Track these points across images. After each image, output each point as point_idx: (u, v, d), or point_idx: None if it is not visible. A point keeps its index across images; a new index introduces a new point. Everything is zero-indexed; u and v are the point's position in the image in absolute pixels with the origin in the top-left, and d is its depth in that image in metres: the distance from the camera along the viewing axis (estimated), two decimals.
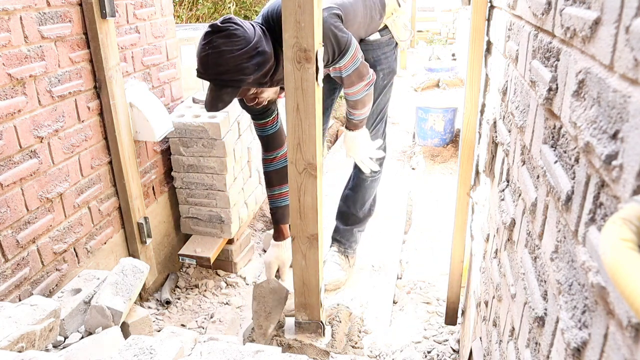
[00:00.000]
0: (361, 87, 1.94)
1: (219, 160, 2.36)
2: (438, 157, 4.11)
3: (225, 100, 1.59)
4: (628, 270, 0.37)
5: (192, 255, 2.46)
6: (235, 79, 1.54)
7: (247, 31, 1.53)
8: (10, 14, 1.54)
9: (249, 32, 1.53)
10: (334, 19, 1.79)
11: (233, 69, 1.52)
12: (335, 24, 1.79)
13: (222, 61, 1.50)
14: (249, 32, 1.53)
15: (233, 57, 1.50)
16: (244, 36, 1.51)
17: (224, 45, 1.48)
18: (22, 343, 1.21)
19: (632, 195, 0.44)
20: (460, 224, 1.90)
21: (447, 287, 2.06)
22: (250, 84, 1.59)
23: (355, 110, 2.03)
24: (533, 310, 0.76)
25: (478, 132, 1.73)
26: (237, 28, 1.50)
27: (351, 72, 1.88)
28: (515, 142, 1.03)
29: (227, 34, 1.49)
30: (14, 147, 1.59)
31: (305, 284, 1.81)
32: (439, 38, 9.42)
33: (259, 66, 1.55)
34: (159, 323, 2.26)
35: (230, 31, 1.49)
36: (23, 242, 1.65)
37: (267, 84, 1.67)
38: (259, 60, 1.55)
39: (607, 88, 0.51)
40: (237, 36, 1.50)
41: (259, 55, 1.54)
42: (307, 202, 1.67)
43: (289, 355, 1.21)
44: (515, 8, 1.07)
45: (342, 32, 1.81)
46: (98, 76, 1.93)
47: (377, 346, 2.08)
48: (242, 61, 1.51)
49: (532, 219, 0.83)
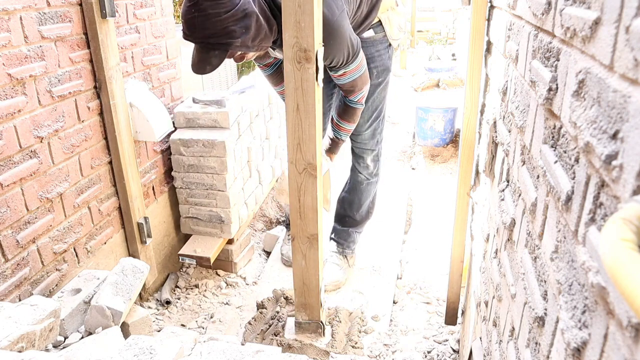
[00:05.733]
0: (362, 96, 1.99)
1: (219, 160, 2.36)
2: (438, 157, 4.11)
3: (213, 64, 1.56)
4: (628, 270, 0.37)
5: (192, 255, 2.46)
6: (222, 42, 1.51)
7: None
8: (10, 14, 1.54)
9: None
10: (347, 21, 1.77)
11: (220, 32, 1.49)
12: (349, 27, 1.77)
13: (208, 24, 1.47)
14: None
15: (220, 20, 1.46)
16: None
17: (210, 8, 1.45)
18: (22, 343, 1.21)
19: (632, 195, 0.44)
20: (460, 224, 1.90)
21: (447, 287, 2.06)
22: (238, 47, 1.56)
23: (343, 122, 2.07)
24: (533, 310, 0.76)
25: (478, 132, 1.73)
26: None
27: (357, 77, 1.90)
28: (515, 142, 1.03)
29: None
30: (14, 147, 1.59)
31: (305, 284, 1.81)
32: (439, 38, 9.42)
33: (246, 29, 1.52)
34: (159, 323, 2.26)
35: None
36: (23, 242, 1.65)
37: (254, 48, 1.64)
38: (246, 23, 1.52)
39: (607, 88, 0.51)
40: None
41: (246, 17, 1.51)
42: (307, 202, 1.67)
43: (289, 355, 1.21)
44: (515, 8, 1.07)
45: (354, 34, 1.81)
46: (98, 76, 1.93)
47: (377, 346, 2.08)
48: (228, 24, 1.48)
49: (532, 219, 0.83)
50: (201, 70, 1.58)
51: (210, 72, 1.59)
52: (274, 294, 2.33)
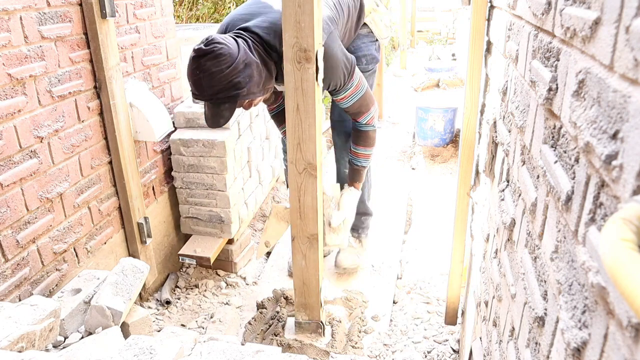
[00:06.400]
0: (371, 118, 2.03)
1: (219, 160, 2.36)
2: (438, 157, 4.11)
3: (225, 116, 1.65)
4: (628, 270, 0.37)
5: (192, 255, 2.46)
6: (231, 95, 1.60)
7: (232, 47, 1.57)
8: (10, 14, 1.54)
9: (233, 47, 1.57)
10: (337, 41, 1.82)
11: (226, 86, 1.57)
12: (341, 47, 1.83)
13: (214, 82, 1.56)
14: (232, 48, 1.57)
15: (224, 76, 1.55)
16: (230, 53, 1.55)
17: (213, 67, 1.54)
18: (22, 343, 1.21)
19: (632, 195, 0.44)
20: (460, 224, 1.90)
21: (447, 287, 2.06)
22: (245, 96, 1.64)
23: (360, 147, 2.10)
24: (533, 310, 0.76)
25: (478, 132, 1.73)
26: (221, 47, 1.54)
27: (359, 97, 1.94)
28: (515, 142, 1.03)
29: (213, 55, 1.54)
30: (14, 147, 1.59)
31: (305, 284, 1.81)
32: (439, 38, 9.42)
33: (250, 78, 1.61)
34: (159, 323, 2.26)
35: (216, 52, 1.53)
36: (23, 242, 1.65)
37: (261, 92, 1.72)
38: (248, 72, 1.60)
39: (607, 88, 0.51)
40: (223, 55, 1.54)
41: (247, 67, 1.60)
42: (307, 202, 1.67)
43: (289, 355, 1.21)
44: (515, 8, 1.07)
45: (347, 53, 1.86)
46: (98, 76, 1.93)
47: (377, 346, 2.08)
48: (232, 77, 1.57)
49: (532, 219, 0.83)
50: (216, 124, 1.67)
51: (225, 124, 1.69)
52: (274, 294, 2.33)
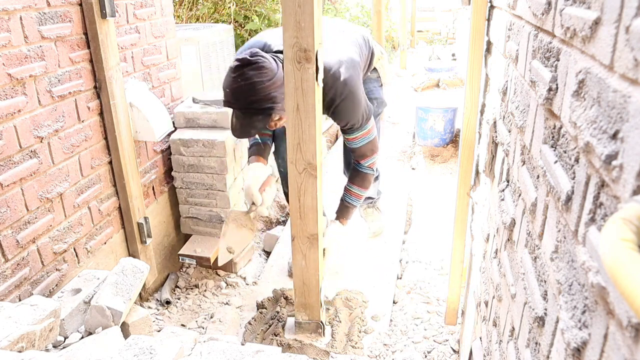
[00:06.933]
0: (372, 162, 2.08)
1: (219, 160, 2.36)
2: (438, 157, 4.11)
3: (257, 127, 1.72)
4: (628, 270, 0.37)
5: (192, 255, 2.46)
6: (266, 107, 1.66)
7: (272, 63, 1.65)
8: (10, 14, 1.54)
9: (273, 64, 1.66)
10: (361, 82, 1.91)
11: (263, 98, 1.64)
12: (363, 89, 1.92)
13: (253, 92, 1.63)
14: (273, 64, 1.65)
15: (263, 88, 1.63)
16: (271, 68, 1.64)
17: (255, 77, 1.62)
18: (22, 343, 1.21)
19: (632, 195, 0.44)
20: (460, 224, 1.90)
21: (447, 287, 2.06)
22: (278, 112, 1.70)
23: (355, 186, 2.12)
24: (533, 310, 0.76)
25: (478, 132, 1.73)
26: (264, 61, 1.63)
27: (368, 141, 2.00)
28: (515, 142, 1.03)
29: (257, 66, 1.62)
30: (14, 147, 1.59)
31: (305, 284, 1.81)
32: (439, 38, 9.42)
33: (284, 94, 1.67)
34: (159, 323, 2.26)
35: (259, 64, 1.62)
36: (23, 242, 1.65)
37: None
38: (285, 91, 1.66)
39: (607, 88, 0.51)
40: (265, 68, 1.63)
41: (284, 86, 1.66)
42: (307, 202, 1.67)
43: (289, 355, 1.21)
44: (515, 8, 1.07)
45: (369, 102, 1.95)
46: (98, 76, 1.93)
47: (377, 346, 2.08)
48: (271, 90, 1.64)
49: (532, 219, 0.83)
50: (246, 134, 1.73)
51: (253, 136, 1.74)
52: (274, 294, 2.33)
